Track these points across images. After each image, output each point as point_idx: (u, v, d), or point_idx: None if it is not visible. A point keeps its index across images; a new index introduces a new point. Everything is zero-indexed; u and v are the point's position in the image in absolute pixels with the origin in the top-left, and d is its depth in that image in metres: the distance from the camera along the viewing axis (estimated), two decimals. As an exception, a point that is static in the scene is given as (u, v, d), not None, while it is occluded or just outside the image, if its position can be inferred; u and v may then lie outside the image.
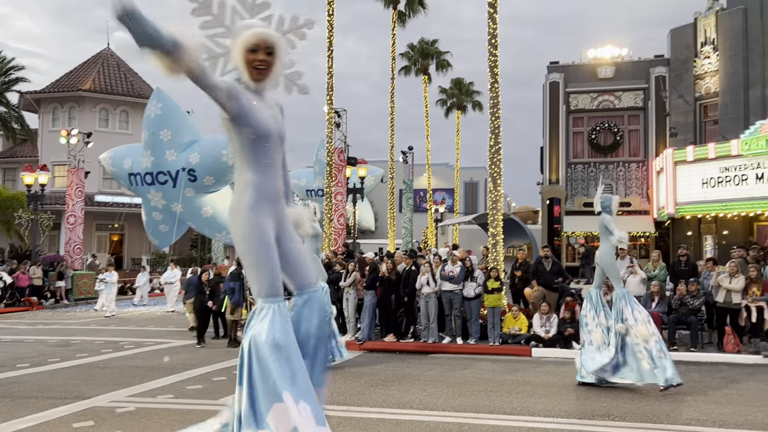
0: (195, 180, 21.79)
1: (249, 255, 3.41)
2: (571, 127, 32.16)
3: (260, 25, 3.45)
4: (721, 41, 27.98)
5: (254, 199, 3.39)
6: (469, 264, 12.77)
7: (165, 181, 22.24)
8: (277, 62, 3.41)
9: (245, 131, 3.36)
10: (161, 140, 22.01)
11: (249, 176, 3.42)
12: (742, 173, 22.12)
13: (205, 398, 8.11)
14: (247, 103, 3.33)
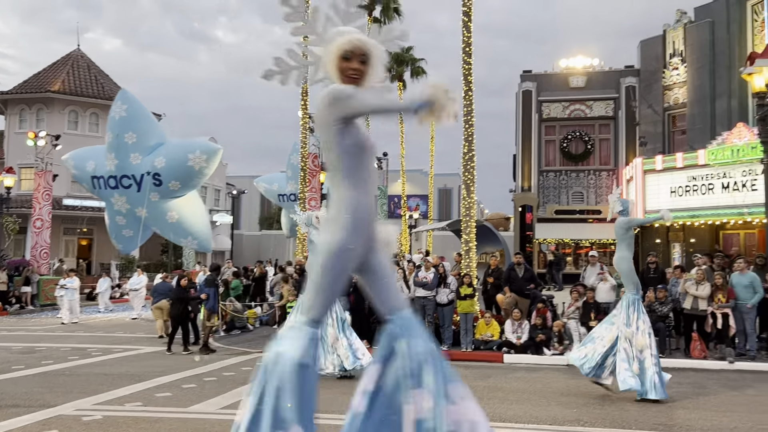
0: (160, 184, 21.40)
1: (321, 274, 3.14)
2: (544, 135, 32.56)
3: (354, 32, 3.28)
4: (688, 53, 28.63)
5: (351, 218, 3.12)
6: (442, 270, 12.82)
7: (129, 185, 21.82)
8: (371, 71, 3.24)
9: (348, 143, 3.12)
10: (126, 143, 21.58)
11: (347, 193, 3.15)
12: (708, 182, 22.62)
13: (174, 406, 7.98)
14: None
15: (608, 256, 29.45)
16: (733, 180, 21.79)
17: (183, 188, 21.86)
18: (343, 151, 3.13)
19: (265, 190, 36.70)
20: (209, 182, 45.20)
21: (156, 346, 13.83)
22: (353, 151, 3.14)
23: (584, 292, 12.25)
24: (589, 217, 31.01)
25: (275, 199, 35.74)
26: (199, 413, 7.63)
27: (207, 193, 45.65)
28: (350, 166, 3.16)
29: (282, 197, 34.88)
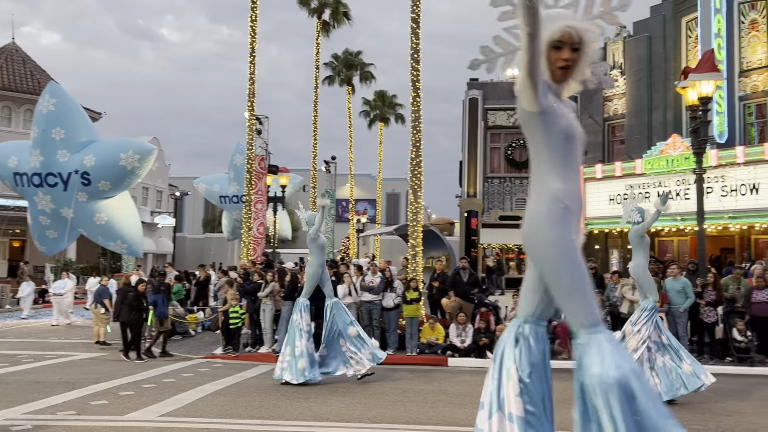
0: (89, 184, 20.49)
1: (563, 280, 2.86)
2: (489, 142, 33.14)
3: (566, 16, 2.94)
4: (627, 66, 29.71)
5: (562, 212, 2.87)
6: (389, 275, 12.86)
7: (55, 183, 20.78)
8: (583, 59, 2.94)
9: (553, 131, 2.88)
10: (53, 139, 20.54)
11: (555, 185, 2.90)
12: (645, 191, 23.49)
13: (110, 414, 7.72)
14: (554, 101, 2.91)
15: (550, 262, 30.19)
16: (668, 189, 22.71)
17: (114, 189, 21.06)
18: (547, 142, 2.91)
19: (205, 191, 35.92)
20: (151, 183, 44.08)
21: (93, 352, 13.35)
22: (559, 141, 2.91)
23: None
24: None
25: (216, 200, 35.08)
26: (137, 421, 7.40)
27: (149, 194, 44.47)
28: (558, 157, 2.92)
29: (224, 199, 34.22)
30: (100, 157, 20.47)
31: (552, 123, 2.88)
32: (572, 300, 2.85)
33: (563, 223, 2.87)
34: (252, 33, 20.91)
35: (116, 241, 21.69)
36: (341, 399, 8.74)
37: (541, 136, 2.91)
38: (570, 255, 2.85)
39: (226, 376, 10.58)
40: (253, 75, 20.87)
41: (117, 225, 21.37)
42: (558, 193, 2.88)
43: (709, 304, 11.90)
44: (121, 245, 21.97)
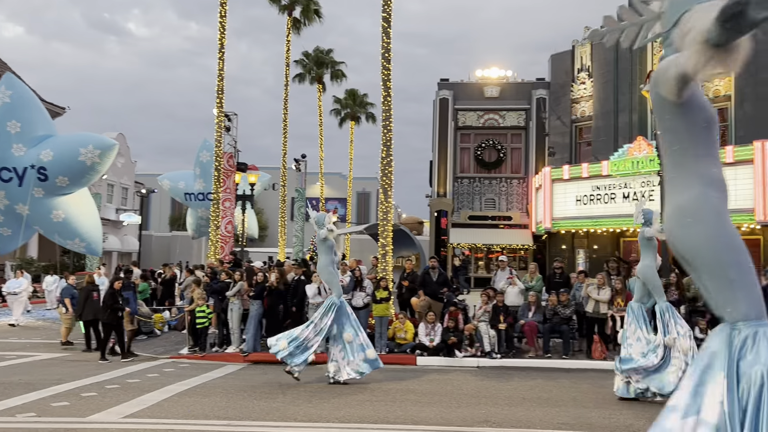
0: (45, 179, 19.82)
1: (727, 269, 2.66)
2: (459, 142, 33.35)
3: None
4: (595, 68, 30.19)
5: (718, 200, 2.74)
6: (359, 274, 12.83)
7: (9, 178, 20.05)
8: None
9: (698, 117, 2.76)
10: (8, 132, 19.83)
11: (706, 171, 2.76)
12: (611, 192, 23.92)
13: (71, 416, 7.54)
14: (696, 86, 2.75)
15: (518, 261, 30.54)
16: (633, 190, 23.15)
17: (72, 185, 20.41)
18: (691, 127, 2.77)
19: (170, 188, 35.21)
20: (116, 180, 43.27)
21: (54, 353, 13.04)
22: (704, 126, 2.78)
23: (494, 296, 12.62)
24: (500, 223, 32.01)
25: (181, 197, 34.45)
26: (99, 423, 7.25)
27: (114, 191, 43.66)
28: (703, 143, 2.78)
29: (189, 196, 33.58)
30: (59, 151, 19.82)
31: (697, 109, 2.77)
32: (740, 290, 2.66)
33: (724, 209, 2.75)
34: (221, 29, 20.66)
35: (74, 240, 21.06)
36: (309, 399, 8.69)
37: (682, 123, 2.77)
38: (733, 245, 2.70)
39: (193, 376, 10.43)
40: (222, 71, 20.61)
41: (75, 223, 20.73)
42: (713, 179, 2.76)
43: (672, 303, 12.13)
44: (80, 244, 21.32)
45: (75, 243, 21.27)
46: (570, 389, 9.55)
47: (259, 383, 9.88)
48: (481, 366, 11.58)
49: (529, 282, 13.64)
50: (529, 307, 12.67)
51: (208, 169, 31.66)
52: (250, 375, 10.71)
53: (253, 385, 9.72)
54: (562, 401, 8.69)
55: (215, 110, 20.57)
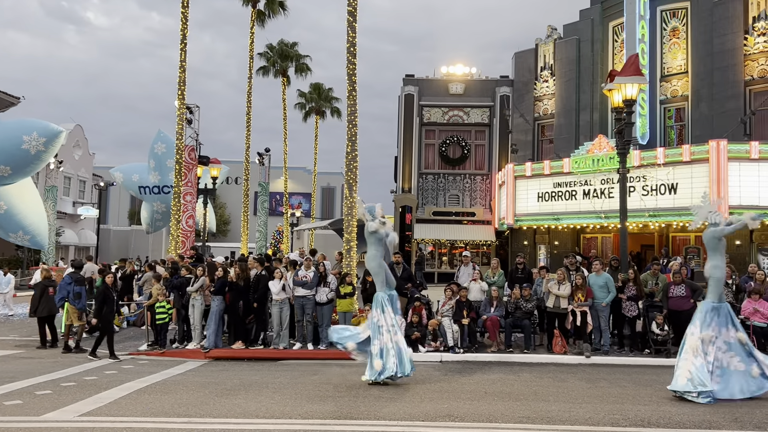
0: None
1: None
2: (424, 138, 33.49)
3: None
4: (557, 67, 30.63)
5: None
6: (323, 269, 12.77)
7: None
8: None
9: None
10: None
11: None
12: (572, 189, 24.32)
13: (25, 415, 7.32)
14: None
15: (480, 257, 30.84)
16: (593, 187, 23.59)
17: (15, 174, 19.49)
18: None
19: (123, 181, 34.19)
20: (73, 172, 42.14)
21: (7, 350, 12.64)
22: None
23: (457, 291, 12.70)
24: (463, 219, 32.28)
25: (135, 191, 33.45)
26: (54, 422, 7.05)
27: (71, 184, 42.55)
28: None
29: (143, 189, 32.65)
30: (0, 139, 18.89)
31: None
32: None
33: None
34: (183, 20, 20.28)
35: (17, 232, 20.26)
36: (272, 396, 8.62)
37: None
38: None
39: (152, 373, 10.24)
40: (183, 63, 20.25)
41: (18, 215, 19.91)
42: None
43: (630, 298, 12.43)
44: (23, 236, 20.50)
45: (18, 236, 20.41)
46: (531, 383, 9.68)
47: (221, 380, 9.75)
48: (444, 360, 11.66)
49: (491, 277, 13.78)
50: (491, 301, 12.80)
51: (163, 161, 30.97)
52: (211, 371, 10.57)
53: (215, 381, 9.59)
54: (524, 395, 8.81)
55: (177, 102, 20.20)
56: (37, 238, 20.89)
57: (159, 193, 31.80)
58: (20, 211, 19.93)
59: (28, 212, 20.44)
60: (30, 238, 20.67)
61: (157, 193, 31.90)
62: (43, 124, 20.29)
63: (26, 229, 20.34)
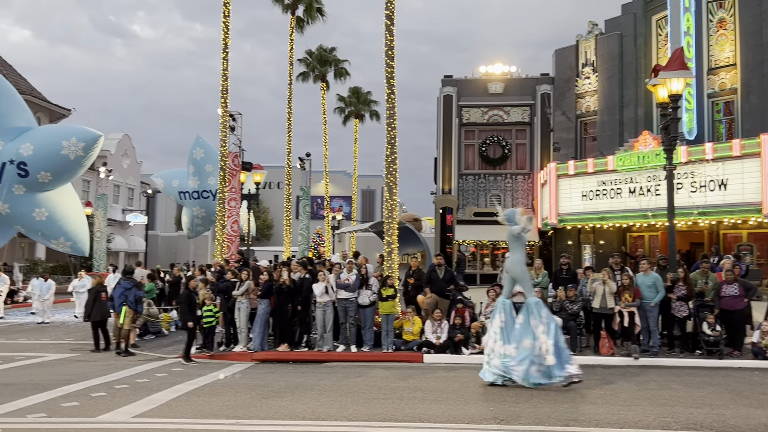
0: (26, 175, 18.69)
1: None
2: (463, 139, 33.32)
3: None
4: (599, 63, 30.07)
5: None
6: (365, 272, 12.84)
7: None
8: None
9: None
10: None
11: None
12: (617, 187, 23.84)
13: (81, 416, 7.59)
14: None
15: (524, 257, 30.50)
16: (639, 185, 23.07)
17: (55, 181, 19.29)
18: None
19: (164, 186, 34.27)
20: (122, 180, 43.39)
21: (63, 353, 13.11)
22: None
23: (501, 292, 12.58)
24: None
25: (176, 196, 33.48)
26: (109, 423, 7.29)
27: (120, 192, 43.80)
28: None
29: (183, 194, 32.73)
30: (40, 145, 18.70)
31: None
32: None
33: None
34: (225, 29, 20.68)
35: (59, 239, 20.05)
36: (317, 398, 8.72)
37: None
38: None
39: (200, 375, 10.47)
40: (226, 71, 20.64)
41: (60, 221, 19.71)
42: None
43: (680, 298, 12.11)
44: (65, 243, 20.26)
45: (60, 242, 20.19)
46: (578, 385, 9.53)
47: (267, 382, 9.91)
48: (489, 363, 11.57)
49: (535, 278, 13.61)
50: (535, 303, 12.62)
51: (201, 166, 31.30)
52: (258, 374, 10.74)
53: (261, 384, 9.75)
54: (570, 397, 8.68)
55: (220, 110, 20.60)
56: (78, 244, 20.64)
57: (198, 198, 31.89)
58: (61, 217, 19.77)
59: (69, 218, 20.25)
60: (71, 244, 20.44)
61: (197, 198, 31.95)
62: (81, 129, 20.12)
63: (68, 235, 20.13)
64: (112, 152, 41.13)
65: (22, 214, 19.21)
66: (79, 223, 20.78)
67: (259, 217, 51.94)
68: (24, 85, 35.07)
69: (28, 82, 36.49)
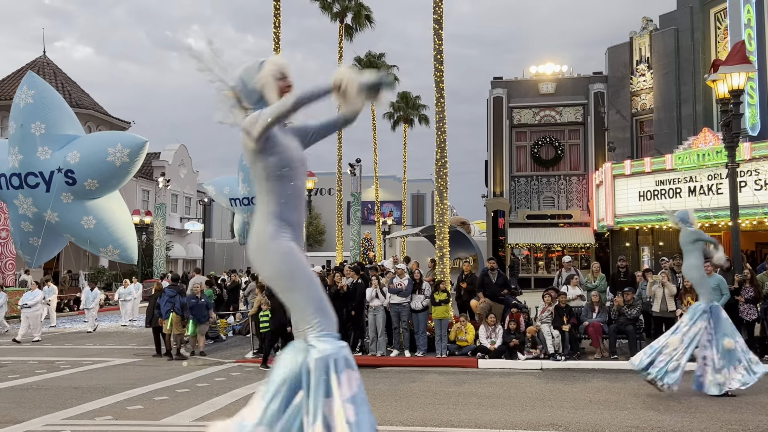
0: (74, 183, 18.38)
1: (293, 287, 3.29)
2: (515, 141, 32.92)
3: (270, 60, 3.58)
4: (654, 60, 29.24)
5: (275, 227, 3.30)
6: (417, 276, 12.84)
7: (36, 183, 18.56)
8: None
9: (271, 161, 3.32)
10: (32, 135, 18.40)
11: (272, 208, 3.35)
12: (676, 186, 23.09)
13: (146, 419, 7.84)
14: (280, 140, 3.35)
15: (579, 260, 29.85)
16: (699, 184, 22.28)
17: (102, 188, 18.88)
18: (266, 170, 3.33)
19: (215, 194, 34.71)
20: (180, 189, 44.68)
21: (127, 358, 13.58)
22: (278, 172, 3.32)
23: (556, 297, 12.38)
24: (560, 222, 31.39)
25: (226, 203, 33.03)
26: (172, 426, 7.51)
27: (178, 200, 45.09)
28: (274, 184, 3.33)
29: (234, 201, 32.33)
30: (86, 153, 18.42)
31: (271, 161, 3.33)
32: None
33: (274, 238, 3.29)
34: (275, 40, 21.09)
35: (107, 247, 19.59)
36: (372, 402, 8.72)
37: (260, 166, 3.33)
38: None
39: (258, 380, 10.67)
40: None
41: (108, 228, 19.30)
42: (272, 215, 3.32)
43: (747, 301, 11.62)
44: (113, 251, 19.79)
45: (108, 250, 19.83)
46: (639, 391, 9.27)
47: (323, 387, 10.00)
48: (545, 368, 11.39)
49: (592, 282, 13.33)
50: (592, 307, 12.38)
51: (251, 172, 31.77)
52: (314, 378, 10.85)
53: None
54: (631, 404, 8.45)
55: (272, 119, 20.97)
56: (126, 252, 20.17)
57: (249, 205, 31.45)
58: (110, 224, 19.42)
59: (117, 226, 19.84)
60: (120, 252, 19.97)
61: (247, 205, 31.68)
62: (126, 136, 19.93)
63: (116, 243, 19.69)
64: (170, 162, 42.41)
65: (71, 222, 19.03)
66: (127, 231, 20.44)
67: (311, 223, 52.58)
68: (87, 101, 36.59)
69: (90, 97, 38.03)
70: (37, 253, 19.86)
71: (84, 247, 20.86)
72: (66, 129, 18.94)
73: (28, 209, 19.04)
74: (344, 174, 32.38)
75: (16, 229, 19.77)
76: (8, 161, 18.83)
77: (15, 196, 19.02)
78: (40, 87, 18.93)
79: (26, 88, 18.83)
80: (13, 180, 18.77)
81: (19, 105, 18.71)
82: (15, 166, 18.73)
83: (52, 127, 18.56)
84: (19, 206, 19.12)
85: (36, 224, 19.20)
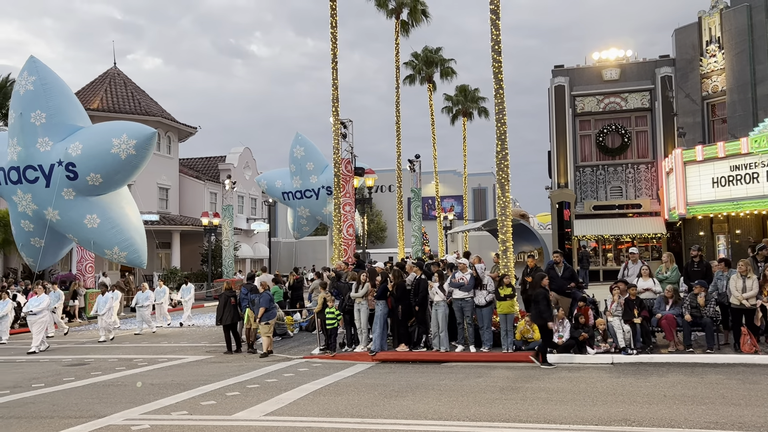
0: (75, 177, 16.81)
1: None
2: (578, 130, 32.07)
3: None
4: (726, 39, 27.86)
5: None
6: (475, 273, 12.68)
7: (35, 178, 17.02)
8: None
9: None
10: (32, 124, 16.80)
11: None
12: (753, 171, 21.95)
13: (219, 414, 8.10)
14: None
15: (650, 251, 28.82)
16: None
17: (106, 184, 17.16)
18: None
19: (267, 188, 34.02)
20: (245, 191, 45.81)
21: (199, 355, 14.06)
22: None
23: (626, 289, 11.99)
24: (628, 212, 30.40)
25: (279, 197, 33.17)
26: (244, 420, 7.73)
27: (244, 202, 46.24)
28: None
29: (287, 195, 32.17)
30: (88, 144, 16.80)
31: None
32: None
33: None
34: (333, 40, 21.30)
35: (112, 249, 17.87)
36: (439, 398, 8.73)
37: None
38: None
39: (325, 375, 10.84)
40: (336, 81, 21.27)
41: (113, 229, 17.67)
42: None
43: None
44: (119, 253, 17.98)
45: (114, 252, 17.95)
46: (717, 386, 8.88)
47: (388, 382, 10.07)
48: (616, 362, 11.07)
49: (664, 273, 12.84)
50: (665, 299, 11.92)
51: (303, 165, 30.67)
52: (379, 374, 10.94)
53: (383, 383, 9.92)
54: (710, 399, 8.10)
55: (331, 119, 21.25)
56: (134, 255, 18.08)
57: (302, 198, 31.28)
58: (115, 224, 17.61)
59: (123, 226, 17.87)
60: (127, 254, 18.00)
61: (300, 198, 31.32)
62: (133, 126, 17.73)
63: (122, 244, 17.78)
64: (235, 165, 43.59)
65: (72, 221, 17.19)
66: (136, 232, 18.30)
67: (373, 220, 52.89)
68: (155, 108, 38.04)
69: (158, 105, 39.51)
70: (41, 256, 18.42)
71: (88, 249, 19.27)
72: (69, 118, 17.28)
73: (27, 206, 17.57)
74: (404, 170, 32.40)
75: (17, 228, 18.32)
76: (7, 154, 17.37)
77: (14, 191, 17.57)
78: (42, 72, 17.31)
79: (27, 74, 17.23)
80: (12, 174, 17.31)
81: (19, 92, 17.22)
82: (14, 160, 17.24)
83: (54, 115, 16.97)
84: (18, 203, 17.69)
85: (36, 223, 17.75)
